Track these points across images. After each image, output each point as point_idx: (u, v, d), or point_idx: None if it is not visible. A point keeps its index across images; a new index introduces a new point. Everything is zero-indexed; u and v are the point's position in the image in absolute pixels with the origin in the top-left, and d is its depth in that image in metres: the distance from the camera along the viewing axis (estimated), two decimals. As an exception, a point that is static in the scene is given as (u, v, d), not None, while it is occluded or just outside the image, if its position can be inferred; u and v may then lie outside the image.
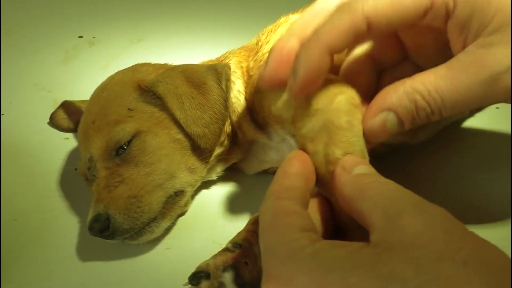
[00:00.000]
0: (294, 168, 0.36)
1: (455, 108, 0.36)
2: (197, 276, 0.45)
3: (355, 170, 0.34)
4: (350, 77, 0.43)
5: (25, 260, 0.51)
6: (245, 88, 0.56)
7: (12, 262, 0.51)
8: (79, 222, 0.56)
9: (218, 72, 0.54)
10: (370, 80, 0.45)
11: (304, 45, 0.37)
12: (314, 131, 0.38)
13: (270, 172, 0.60)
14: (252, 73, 0.54)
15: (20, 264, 0.51)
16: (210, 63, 0.60)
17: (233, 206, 0.57)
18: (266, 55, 0.52)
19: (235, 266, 0.45)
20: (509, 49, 0.35)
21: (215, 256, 0.46)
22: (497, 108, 0.67)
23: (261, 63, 0.53)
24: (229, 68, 0.55)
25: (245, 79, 0.56)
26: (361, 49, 0.44)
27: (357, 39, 0.37)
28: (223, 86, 0.53)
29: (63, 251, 0.52)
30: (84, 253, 0.52)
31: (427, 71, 0.37)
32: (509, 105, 0.66)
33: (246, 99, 0.55)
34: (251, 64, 0.56)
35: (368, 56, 0.44)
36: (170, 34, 0.91)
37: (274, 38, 0.55)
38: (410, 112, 0.36)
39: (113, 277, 0.50)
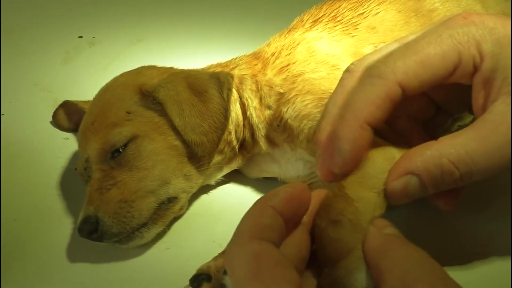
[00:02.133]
0: (277, 199, 0.32)
1: (485, 172, 0.34)
2: (198, 279, 0.44)
3: (385, 230, 0.33)
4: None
5: (25, 260, 0.51)
6: (259, 102, 0.56)
7: (12, 262, 0.51)
8: (78, 223, 0.56)
9: (220, 81, 0.54)
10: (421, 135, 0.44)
11: (342, 121, 0.36)
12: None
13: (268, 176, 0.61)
14: (279, 89, 0.54)
15: (20, 264, 0.51)
16: (217, 68, 0.60)
17: (233, 206, 0.57)
18: (300, 78, 0.53)
19: None
20: None
21: (216, 258, 0.46)
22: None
23: (294, 85, 0.53)
24: (232, 77, 0.55)
25: (260, 92, 0.56)
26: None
27: (393, 106, 0.36)
28: (225, 96, 0.53)
29: (63, 251, 0.52)
30: (84, 253, 0.52)
31: (453, 133, 0.35)
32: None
33: (260, 115, 0.55)
34: (274, 79, 0.55)
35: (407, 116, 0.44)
36: (170, 34, 0.91)
37: (298, 57, 0.56)
38: (434, 177, 0.34)
39: (113, 277, 0.50)
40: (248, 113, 0.56)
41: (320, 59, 0.55)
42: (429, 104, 0.45)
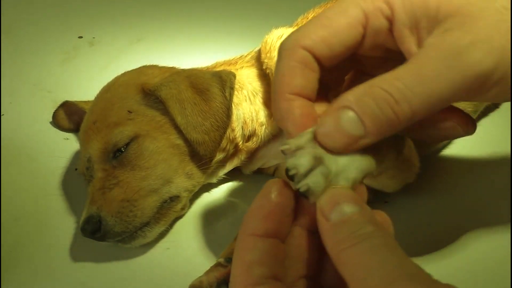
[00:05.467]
0: (254, 223, 0.30)
1: (424, 100, 0.31)
2: None
3: (332, 216, 0.29)
4: None
5: (25, 260, 0.51)
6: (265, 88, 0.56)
7: (12, 262, 0.51)
8: (78, 222, 0.56)
9: (222, 79, 0.54)
10: None
11: (273, 104, 0.35)
12: None
13: (267, 173, 0.61)
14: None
15: (20, 264, 0.51)
16: (224, 66, 0.60)
17: (233, 206, 0.57)
18: None
19: (228, 282, 0.45)
20: (470, 35, 0.32)
21: (207, 272, 0.46)
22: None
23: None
24: (234, 76, 0.55)
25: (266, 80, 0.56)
26: None
27: (312, 71, 0.35)
28: (227, 94, 0.53)
29: (63, 251, 0.52)
30: (84, 253, 0.52)
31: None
32: (509, 104, 0.66)
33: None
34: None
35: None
36: (170, 34, 0.91)
37: None
38: (368, 107, 0.31)
39: (113, 277, 0.50)
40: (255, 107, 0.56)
41: None
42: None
